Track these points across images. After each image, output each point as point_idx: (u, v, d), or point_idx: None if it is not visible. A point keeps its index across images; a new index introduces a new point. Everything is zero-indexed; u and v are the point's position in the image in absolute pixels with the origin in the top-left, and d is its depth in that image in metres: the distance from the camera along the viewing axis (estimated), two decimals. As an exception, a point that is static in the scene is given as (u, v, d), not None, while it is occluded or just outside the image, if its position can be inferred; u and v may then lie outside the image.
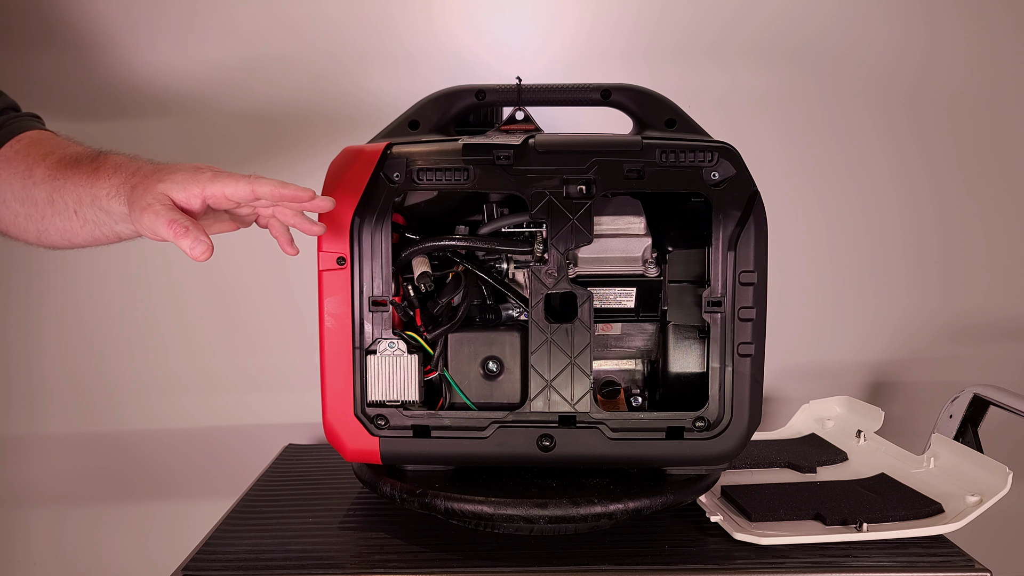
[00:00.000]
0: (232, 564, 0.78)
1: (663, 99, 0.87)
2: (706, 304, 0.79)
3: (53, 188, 0.77)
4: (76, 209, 0.77)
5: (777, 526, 0.83)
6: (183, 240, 0.67)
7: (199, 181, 0.69)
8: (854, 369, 1.34)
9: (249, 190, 0.70)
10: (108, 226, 0.77)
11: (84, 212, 0.77)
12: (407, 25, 1.21)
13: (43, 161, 0.79)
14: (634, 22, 1.23)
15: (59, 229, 0.79)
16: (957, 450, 0.95)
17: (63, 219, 0.78)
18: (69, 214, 0.77)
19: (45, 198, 0.78)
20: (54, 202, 0.77)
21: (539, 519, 0.76)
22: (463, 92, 0.87)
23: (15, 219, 0.80)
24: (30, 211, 0.79)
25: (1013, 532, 1.28)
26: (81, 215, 0.77)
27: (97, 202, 0.75)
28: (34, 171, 0.79)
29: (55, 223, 0.79)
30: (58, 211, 0.77)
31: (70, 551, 1.32)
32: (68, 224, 0.78)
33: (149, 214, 0.68)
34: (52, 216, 0.78)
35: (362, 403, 0.81)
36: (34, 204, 0.78)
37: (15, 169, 0.79)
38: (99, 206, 0.75)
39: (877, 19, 1.25)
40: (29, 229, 0.81)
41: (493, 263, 0.86)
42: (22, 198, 0.79)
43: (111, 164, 0.76)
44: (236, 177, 0.70)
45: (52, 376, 1.28)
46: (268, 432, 1.28)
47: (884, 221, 1.30)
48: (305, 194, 0.70)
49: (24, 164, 0.79)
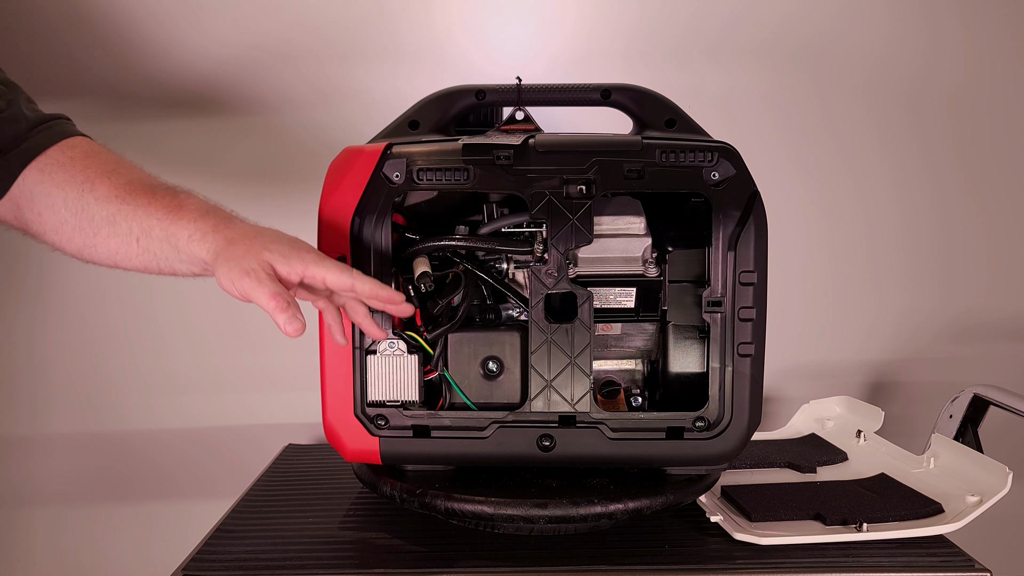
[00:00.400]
0: (232, 564, 0.78)
1: (663, 99, 0.87)
2: (706, 304, 0.79)
3: (119, 210, 0.75)
4: (139, 238, 0.75)
5: (777, 526, 0.83)
6: (281, 315, 0.67)
7: (304, 260, 0.70)
8: (854, 369, 1.34)
9: (350, 284, 0.71)
10: (169, 263, 0.76)
11: (149, 243, 0.75)
12: (407, 25, 1.21)
13: (108, 178, 0.76)
14: (634, 22, 1.23)
15: (111, 250, 0.77)
16: (957, 450, 0.95)
17: (120, 242, 0.76)
18: (130, 240, 0.75)
19: (106, 217, 0.75)
20: (115, 224, 0.75)
21: (539, 519, 0.76)
22: (463, 92, 0.87)
23: (61, 227, 0.77)
24: (82, 224, 0.76)
25: (1013, 532, 1.28)
26: (143, 245, 0.75)
27: (172, 239, 0.74)
28: (96, 186, 0.76)
29: (109, 244, 0.76)
30: (117, 233, 0.75)
31: (70, 551, 1.32)
32: (124, 248, 0.76)
33: (251, 279, 0.68)
34: (108, 237, 0.76)
35: (362, 403, 0.81)
36: (89, 219, 0.76)
37: (70, 176, 0.76)
38: (172, 243, 0.74)
39: (877, 19, 1.25)
40: (74, 240, 0.78)
41: (493, 263, 0.86)
42: (76, 209, 0.76)
43: (195, 206, 0.75)
44: (339, 267, 0.71)
45: (52, 376, 1.28)
46: (268, 432, 1.28)
47: (884, 221, 1.30)
48: (398, 297, 0.72)
49: (83, 175, 0.77)
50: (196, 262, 0.74)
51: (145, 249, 0.75)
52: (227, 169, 1.24)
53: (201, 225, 0.73)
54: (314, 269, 0.70)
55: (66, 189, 0.76)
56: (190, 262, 0.74)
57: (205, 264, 0.73)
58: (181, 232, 0.73)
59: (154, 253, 0.76)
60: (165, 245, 0.74)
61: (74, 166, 0.77)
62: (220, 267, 0.70)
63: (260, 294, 0.67)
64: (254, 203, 1.24)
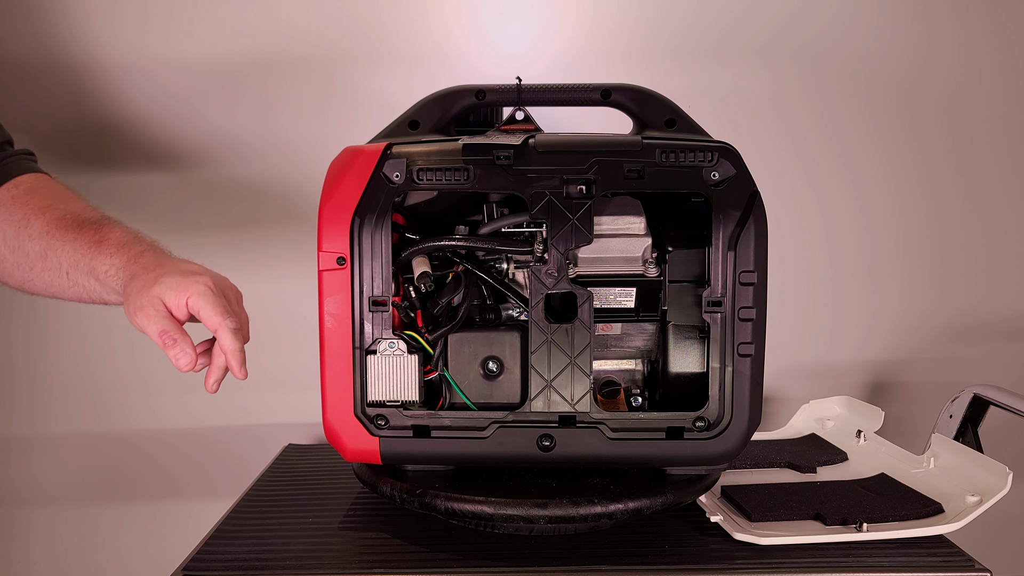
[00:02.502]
0: (232, 564, 0.78)
1: (663, 99, 0.86)
2: (706, 304, 0.79)
3: (49, 246, 0.78)
4: (69, 271, 0.78)
5: (777, 526, 0.83)
6: (169, 351, 0.71)
7: (187, 290, 0.72)
8: (854, 369, 1.34)
9: (214, 327, 0.73)
10: (98, 294, 0.79)
11: (77, 276, 0.78)
12: (407, 25, 1.21)
13: (42, 215, 0.80)
14: (634, 22, 1.23)
15: (46, 283, 0.80)
16: (957, 450, 0.95)
17: (53, 275, 0.79)
18: (60, 273, 0.79)
19: (39, 252, 0.79)
20: (47, 258, 0.79)
21: (539, 519, 0.76)
22: (463, 92, 0.87)
23: (2, 263, 0.81)
24: (19, 260, 0.80)
25: (1013, 532, 1.28)
26: (72, 278, 0.79)
27: (94, 273, 0.77)
28: (31, 223, 0.79)
29: (43, 277, 0.80)
30: (49, 267, 0.79)
31: (70, 551, 1.32)
32: (57, 281, 0.80)
33: (141, 316, 0.71)
34: (42, 271, 0.79)
35: (362, 403, 0.81)
36: (25, 255, 0.79)
37: (10, 215, 0.80)
38: (95, 277, 0.77)
39: (877, 19, 1.25)
40: (14, 275, 0.82)
41: (493, 263, 0.86)
42: (13, 246, 0.80)
43: (115, 240, 0.78)
44: (216, 308, 0.72)
45: (52, 376, 1.28)
46: (268, 432, 1.28)
47: (884, 221, 1.30)
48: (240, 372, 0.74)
49: (21, 212, 0.80)
50: (117, 294, 0.77)
51: (75, 282, 0.79)
52: (227, 169, 1.24)
53: (116, 260, 0.77)
54: (195, 301, 0.72)
55: (4, 227, 0.80)
56: (114, 294, 0.78)
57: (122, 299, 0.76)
58: (100, 267, 0.77)
59: (83, 286, 0.79)
60: (90, 278, 0.78)
61: (14, 204, 0.81)
62: (125, 306, 0.74)
63: (150, 331, 0.71)
64: (254, 202, 1.25)
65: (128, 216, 0.86)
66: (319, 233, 0.80)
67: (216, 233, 1.26)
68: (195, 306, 0.72)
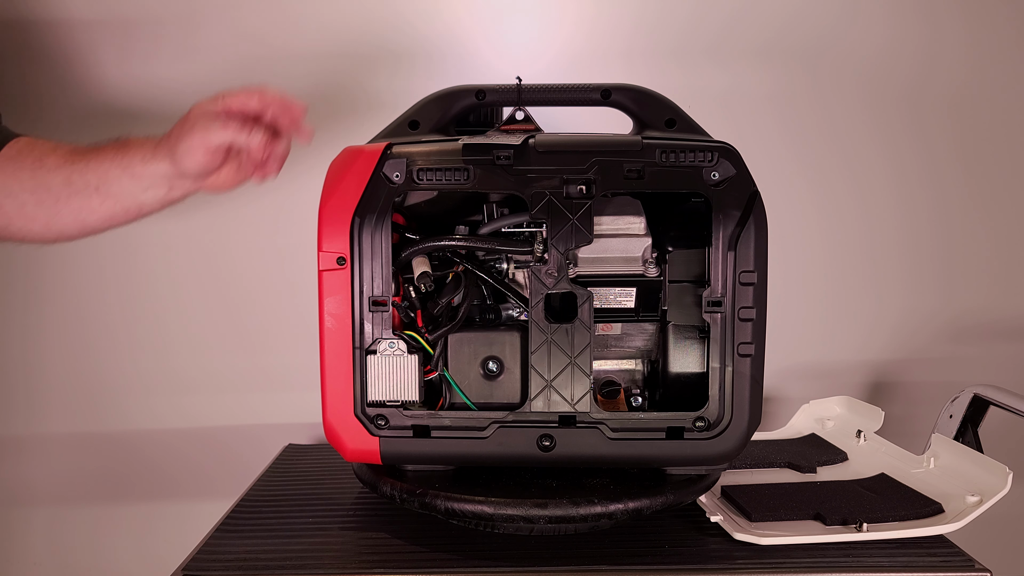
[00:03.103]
0: (232, 564, 0.78)
1: (663, 99, 0.86)
2: (706, 304, 0.79)
3: (72, 170, 0.82)
4: (98, 186, 0.82)
5: (777, 526, 0.83)
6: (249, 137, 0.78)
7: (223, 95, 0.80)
8: (854, 369, 1.34)
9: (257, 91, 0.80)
10: (133, 198, 0.84)
11: (108, 187, 0.82)
12: (407, 25, 1.21)
13: (54, 152, 0.83)
14: (634, 22, 1.23)
15: (74, 211, 0.84)
16: (957, 450, 0.95)
17: (81, 199, 0.83)
18: (89, 192, 0.82)
19: (61, 181, 0.82)
20: (71, 183, 0.82)
21: (539, 519, 0.76)
22: (463, 92, 0.87)
23: (22, 209, 0.83)
24: (41, 198, 0.83)
25: (1013, 532, 1.28)
26: (103, 191, 0.82)
27: (128, 171, 0.82)
28: (45, 161, 0.83)
29: (71, 204, 0.83)
30: (76, 191, 0.82)
31: (70, 551, 1.32)
32: (87, 203, 0.83)
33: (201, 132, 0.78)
34: (68, 198, 0.83)
35: (362, 403, 0.81)
36: (47, 190, 0.83)
37: (22, 163, 0.83)
38: (131, 174, 0.82)
39: (877, 19, 1.25)
40: (38, 217, 0.84)
41: (493, 263, 0.86)
42: (31, 187, 0.83)
43: (138, 140, 0.83)
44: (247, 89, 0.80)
45: (52, 376, 1.28)
46: (268, 432, 1.28)
47: (884, 221, 1.30)
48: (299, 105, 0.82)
49: (31, 157, 0.83)
50: (158, 180, 0.82)
51: (106, 195, 0.83)
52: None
53: (146, 146, 0.82)
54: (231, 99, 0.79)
55: (19, 175, 0.83)
56: (153, 185, 0.83)
57: (168, 177, 0.82)
58: (134, 161, 0.81)
59: (115, 196, 0.83)
60: (124, 181, 0.82)
61: (20, 155, 0.84)
62: (179, 148, 0.79)
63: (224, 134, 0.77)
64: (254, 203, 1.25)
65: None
66: (319, 233, 0.80)
67: (216, 233, 1.26)
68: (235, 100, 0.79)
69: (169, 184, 0.83)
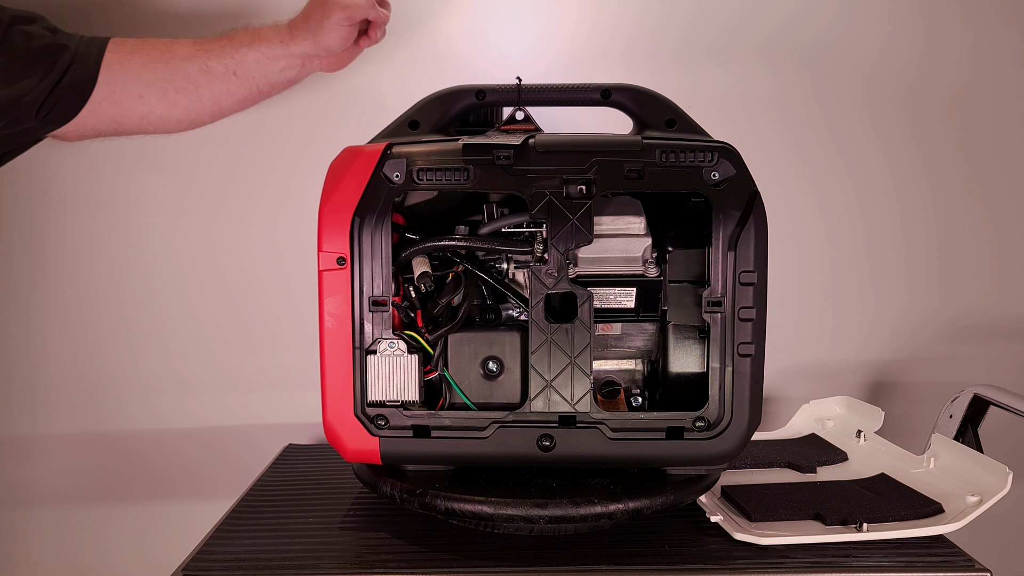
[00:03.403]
0: (232, 564, 0.78)
1: (663, 99, 0.86)
2: (706, 304, 0.79)
3: (208, 57, 0.92)
4: (235, 70, 0.93)
5: (777, 526, 0.83)
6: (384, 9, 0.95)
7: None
8: (854, 369, 1.34)
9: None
10: (267, 78, 0.95)
11: (246, 70, 0.93)
12: (407, 25, 1.21)
13: (176, 44, 0.92)
14: (634, 22, 1.23)
15: (214, 95, 0.93)
16: (957, 450, 0.95)
17: (220, 83, 0.93)
18: (228, 76, 0.93)
19: (199, 69, 0.91)
20: (209, 70, 0.92)
21: (539, 519, 0.76)
22: (463, 92, 0.87)
23: (164, 96, 0.91)
24: (182, 86, 0.91)
25: (1013, 532, 1.28)
26: (241, 74, 0.93)
27: (269, 51, 0.93)
28: (175, 51, 0.91)
29: (212, 89, 0.93)
30: (215, 77, 0.92)
31: (70, 551, 1.32)
32: (225, 86, 0.93)
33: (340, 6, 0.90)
34: (208, 83, 0.92)
35: (362, 403, 0.81)
36: (186, 78, 0.91)
37: (147, 57, 0.90)
38: (270, 55, 0.93)
39: (877, 19, 1.25)
40: (180, 103, 0.92)
41: (493, 263, 0.86)
42: (170, 76, 0.91)
43: (268, 27, 0.94)
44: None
45: (52, 376, 1.28)
46: (268, 432, 1.28)
47: (884, 221, 1.30)
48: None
49: (155, 51, 0.91)
50: (295, 59, 0.94)
51: (244, 78, 0.93)
52: (226, 169, 1.24)
53: (282, 31, 0.93)
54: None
55: (152, 65, 0.90)
56: (289, 65, 0.95)
57: (306, 56, 0.94)
58: (273, 44, 0.93)
59: (252, 78, 0.94)
60: (263, 63, 0.93)
61: (140, 51, 0.90)
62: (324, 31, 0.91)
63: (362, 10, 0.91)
64: (254, 202, 1.25)
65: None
66: (319, 233, 0.80)
67: (216, 233, 1.26)
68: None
69: (303, 63, 0.94)
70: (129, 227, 1.26)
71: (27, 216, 1.25)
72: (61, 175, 1.23)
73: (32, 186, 1.23)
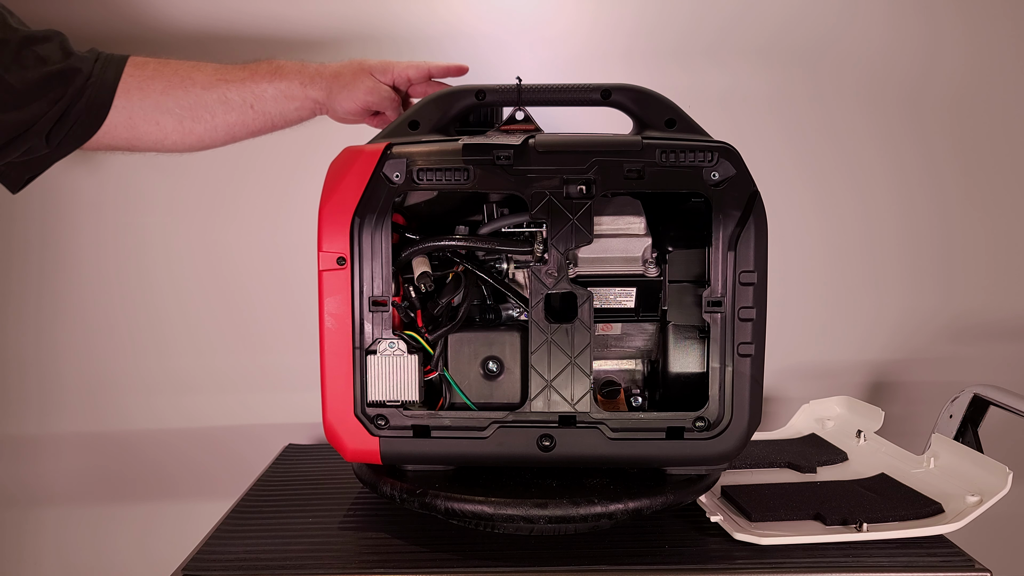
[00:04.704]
0: (232, 564, 0.78)
1: (663, 99, 0.86)
2: (706, 304, 0.79)
3: (227, 89, 0.91)
4: (253, 104, 0.92)
5: (777, 526, 0.84)
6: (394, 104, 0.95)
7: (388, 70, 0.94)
8: (854, 369, 1.34)
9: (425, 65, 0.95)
10: (282, 115, 0.94)
11: (263, 106, 0.92)
12: (407, 25, 1.21)
13: (197, 71, 0.91)
14: (634, 22, 1.23)
15: (229, 125, 0.93)
16: (957, 450, 0.95)
17: (236, 115, 0.92)
18: (244, 109, 0.92)
19: (216, 99, 0.91)
20: (228, 101, 0.91)
21: (539, 519, 0.76)
22: (463, 92, 0.87)
23: (180, 124, 0.91)
24: (199, 114, 0.91)
25: (1013, 532, 1.28)
26: (258, 109, 0.92)
27: (287, 91, 0.92)
28: (195, 79, 0.90)
29: (227, 119, 0.92)
30: (232, 108, 0.92)
31: (71, 550, 1.32)
32: (240, 119, 0.92)
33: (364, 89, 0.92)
34: (224, 114, 0.92)
35: (362, 403, 0.81)
36: (204, 107, 0.91)
37: (167, 82, 0.90)
38: (288, 95, 0.92)
39: (877, 19, 1.25)
40: (195, 131, 0.92)
41: (493, 263, 0.86)
42: (188, 104, 0.90)
43: (291, 65, 0.93)
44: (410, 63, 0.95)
45: (52, 376, 1.28)
46: (268, 432, 1.28)
47: (884, 221, 1.30)
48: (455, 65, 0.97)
49: (176, 77, 0.90)
50: (309, 103, 0.93)
51: (260, 112, 0.93)
52: (227, 169, 1.24)
53: (304, 73, 0.93)
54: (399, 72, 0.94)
55: (172, 92, 0.90)
56: (303, 107, 0.94)
57: (319, 103, 0.94)
58: (292, 84, 0.92)
59: (268, 113, 0.93)
60: (280, 101, 0.93)
61: (160, 75, 0.90)
62: (339, 97, 0.92)
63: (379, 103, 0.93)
64: (254, 203, 1.26)
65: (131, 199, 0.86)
66: (319, 233, 0.80)
67: (217, 233, 1.26)
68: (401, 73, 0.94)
69: (315, 108, 0.94)
70: (130, 227, 1.26)
71: (27, 216, 1.25)
72: (61, 175, 1.23)
73: (33, 187, 1.22)
